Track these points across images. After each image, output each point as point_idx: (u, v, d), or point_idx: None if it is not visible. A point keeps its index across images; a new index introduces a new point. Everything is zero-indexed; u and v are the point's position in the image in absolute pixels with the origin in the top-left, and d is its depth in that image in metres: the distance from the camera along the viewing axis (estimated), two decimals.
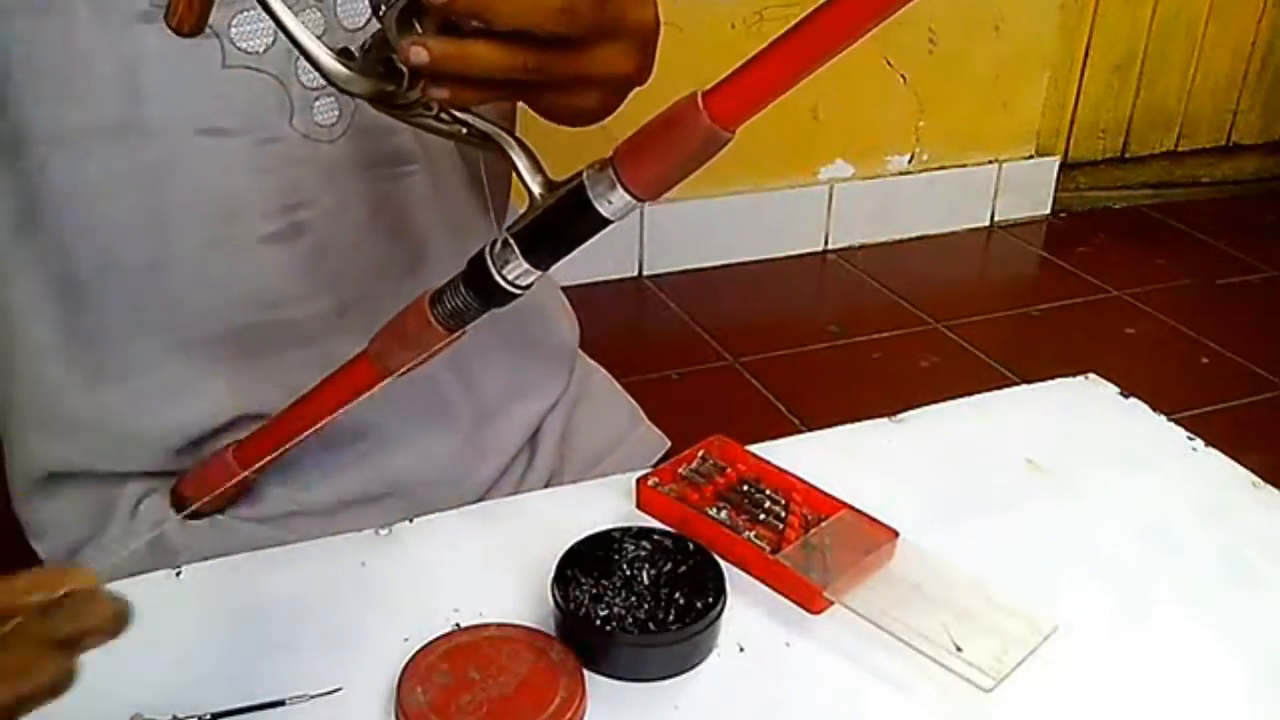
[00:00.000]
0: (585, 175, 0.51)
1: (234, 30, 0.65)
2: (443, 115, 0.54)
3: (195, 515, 0.75)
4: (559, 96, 0.54)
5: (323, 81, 0.67)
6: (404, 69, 0.50)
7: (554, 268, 0.58)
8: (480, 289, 0.56)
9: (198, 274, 0.70)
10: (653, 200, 0.51)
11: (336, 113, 0.69)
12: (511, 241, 0.54)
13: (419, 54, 0.48)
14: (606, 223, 0.52)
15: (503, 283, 0.54)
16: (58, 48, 0.63)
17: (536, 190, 0.53)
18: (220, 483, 0.72)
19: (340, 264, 0.72)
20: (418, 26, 0.49)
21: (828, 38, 0.46)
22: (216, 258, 0.69)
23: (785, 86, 0.49)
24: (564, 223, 0.53)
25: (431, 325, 0.58)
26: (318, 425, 0.67)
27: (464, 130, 0.54)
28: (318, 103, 0.68)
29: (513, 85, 0.51)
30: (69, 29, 0.62)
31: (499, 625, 0.58)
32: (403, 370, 0.61)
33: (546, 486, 0.85)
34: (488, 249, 0.55)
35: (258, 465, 0.70)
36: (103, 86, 0.64)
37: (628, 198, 0.50)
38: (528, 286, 0.55)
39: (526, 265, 0.54)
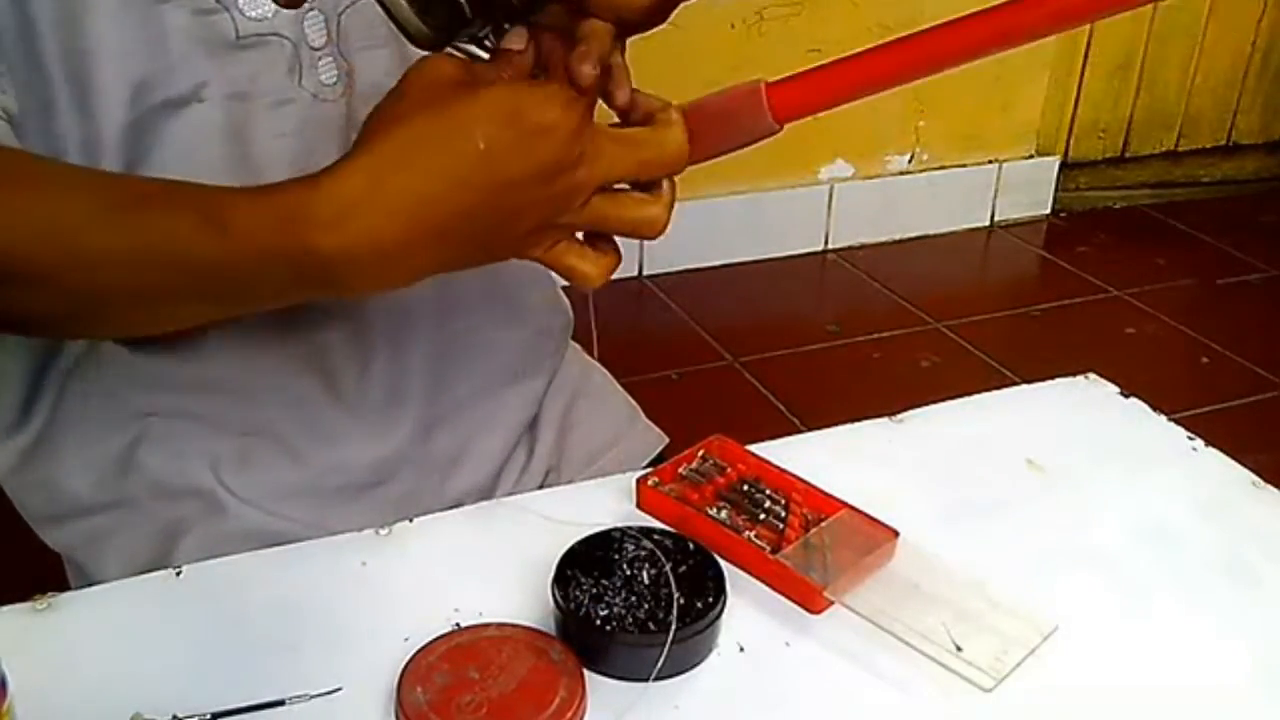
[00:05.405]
0: None
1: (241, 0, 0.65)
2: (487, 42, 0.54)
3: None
4: None
5: (323, 41, 0.67)
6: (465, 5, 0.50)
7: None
8: None
9: None
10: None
11: (336, 72, 0.69)
12: None
13: None
14: None
15: None
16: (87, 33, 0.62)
17: None
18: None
19: None
20: None
21: (898, 67, 0.48)
22: None
23: (846, 98, 0.50)
24: None
25: None
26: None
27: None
28: (321, 62, 0.68)
29: None
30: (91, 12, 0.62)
31: (499, 625, 0.58)
32: None
33: (545, 479, 0.85)
34: None
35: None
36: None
37: None
38: None
39: None
